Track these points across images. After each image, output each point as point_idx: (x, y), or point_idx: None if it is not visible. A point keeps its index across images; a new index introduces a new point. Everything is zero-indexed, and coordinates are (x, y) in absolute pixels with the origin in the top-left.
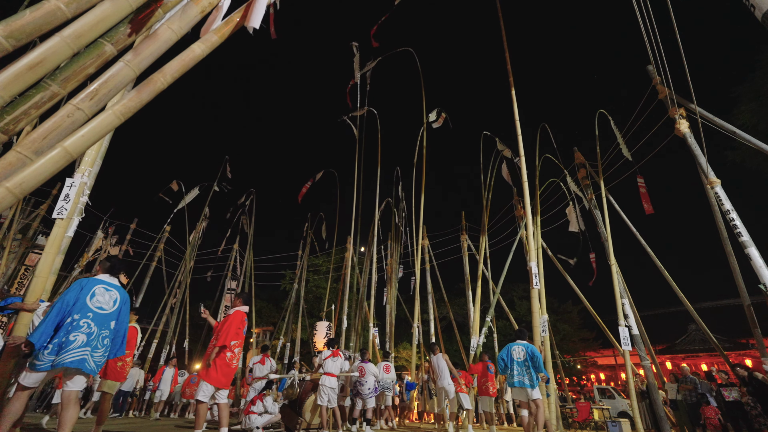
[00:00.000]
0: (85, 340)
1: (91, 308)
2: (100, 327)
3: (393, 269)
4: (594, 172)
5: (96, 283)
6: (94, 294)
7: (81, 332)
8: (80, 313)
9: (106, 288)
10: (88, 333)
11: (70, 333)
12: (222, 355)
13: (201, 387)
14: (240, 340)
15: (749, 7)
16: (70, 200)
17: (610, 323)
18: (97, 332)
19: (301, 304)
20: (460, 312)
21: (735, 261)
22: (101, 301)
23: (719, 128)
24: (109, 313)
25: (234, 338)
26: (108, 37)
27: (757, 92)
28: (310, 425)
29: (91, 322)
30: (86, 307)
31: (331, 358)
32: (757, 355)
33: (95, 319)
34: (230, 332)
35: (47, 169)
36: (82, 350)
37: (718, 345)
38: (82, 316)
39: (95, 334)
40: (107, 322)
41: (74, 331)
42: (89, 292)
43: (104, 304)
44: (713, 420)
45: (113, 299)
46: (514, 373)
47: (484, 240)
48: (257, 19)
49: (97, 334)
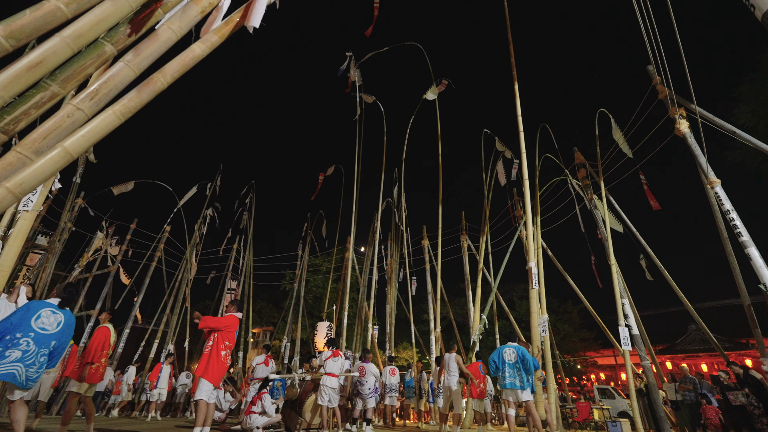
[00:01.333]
0: (20, 356)
1: (34, 329)
2: (39, 346)
3: (393, 269)
4: (594, 172)
5: (43, 306)
6: (40, 316)
7: (18, 349)
8: (22, 332)
9: (53, 311)
10: (24, 351)
11: (7, 348)
12: (217, 353)
13: (201, 385)
14: (231, 343)
15: (749, 7)
16: (36, 192)
17: (610, 323)
18: (36, 350)
19: (301, 304)
20: (460, 312)
21: (735, 261)
22: (45, 323)
23: (719, 128)
24: (51, 334)
25: (227, 338)
26: (108, 37)
27: (757, 92)
28: (310, 425)
29: (30, 340)
30: (29, 327)
31: (332, 359)
32: (757, 355)
33: (36, 338)
34: (231, 333)
35: (47, 169)
36: (14, 365)
37: (718, 345)
38: (24, 335)
39: (33, 351)
40: (48, 341)
41: (13, 348)
42: (35, 314)
43: (48, 326)
44: (713, 420)
45: (58, 322)
46: (506, 374)
47: (484, 240)
48: (257, 18)
49: (35, 351)
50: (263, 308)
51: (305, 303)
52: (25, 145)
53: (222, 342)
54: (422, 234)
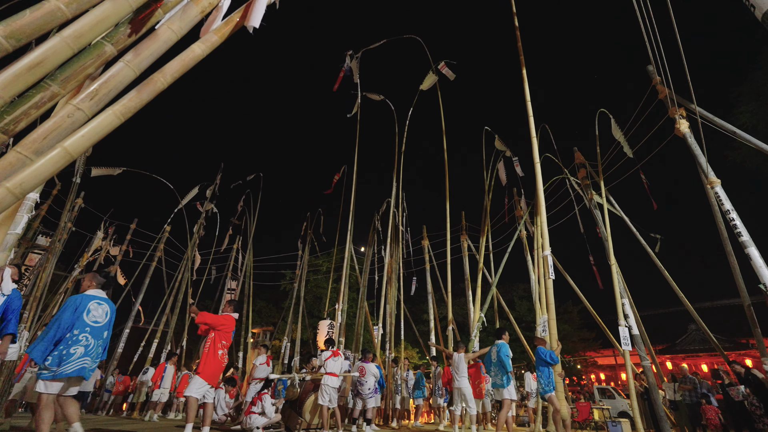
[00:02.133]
0: (83, 352)
1: (89, 323)
2: (96, 339)
3: (393, 269)
4: (594, 172)
5: (90, 300)
6: (90, 310)
7: (80, 345)
8: (79, 329)
9: (98, 303)
10: (86, 345)
11: (71, 346)
12: (214, 352)
13: (193, 382)
14: (228, 342)
15: (749, 7)
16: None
17: (610, 323)
18: (95, 343)
19: (301, 304)
20: (460, 312)
21: (735, 261)
22: (96, 315)
23: (719, 128)
24: (103, 325)
25: (224, 338)
26: (108, 37)
27: (757, 92)
28: (310, 425)
29: (88, 335)
30: (84, 323)
31: (332, 359)
32: (757, 354)
33: (92, 332)
34: (227, 333)
35: (47, 169)
36: (81, 360)
37: (718, 345)
38: (81, 332)
39: (93, 345)
40: (101, 333)
41: (75, 345)
42: (85, 308)
43: (99, 318)
44: (713, 420)
45: (105, 312)
46: (491, 373)
47: (483, 240)
48: (257, 18)
49: (95, 344)
50: (263, 308)
51: (305, 303)
52: (25, 145)
53: (219, 341)
54: (422, 234)
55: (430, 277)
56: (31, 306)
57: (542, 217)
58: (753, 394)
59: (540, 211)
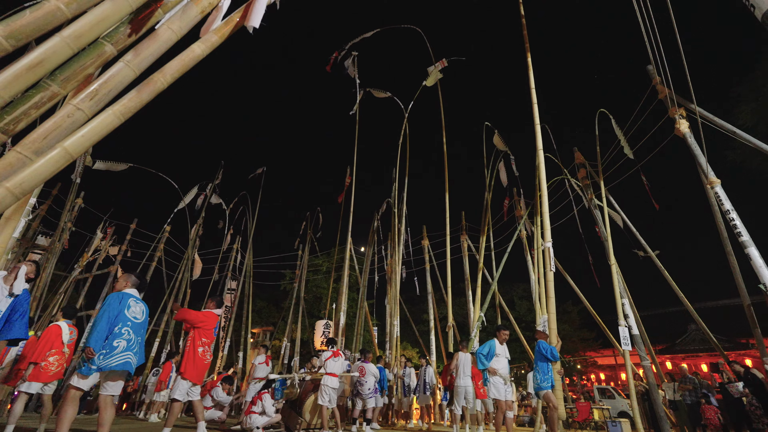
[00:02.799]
0: (126, 345)
1: (129, 318)
2: (136, 334)
3: (393, 269)
4: (594, 172)
5: (129, 297)
6: (129, 306)
7: (123, 339)
8: (122, 323)
9: (136, 301)
10: (128, 339)
11: (113, 340)
12: (194, 350)
13: (179, 385)
14: (210, 340)
15: (749, 7)
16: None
17: (610, 323)
18: (135, 339)
19: (301, 304)
20: (460, 312)
21: (735, 261)
22: (135, 312)
23: (719, 128)
24: (141, 323)
25: (204, 335)
26: (108, 37)
27: (757, 92)
28: (310, 425)
29: (130, 330)
30: (126, 318)
31: (332, 359)
32: (757, 355)
33: (133, 327)
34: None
35: (47, 169)
36: (124, 354)
37: (718, 345)
38: (123, 325)
39: (133, 340)
40: (140, 330)
41: (117, 338)
42: (126, 304)
43: (137, 314)
44: (713, 420)
45: (142, 310)
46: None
47: (483, 240)
48: (257, 19)
49: (135, 340)
50: (263, 308)
51: (305, 303)
52: (25, 145)
53: (199, 339)
54: (422, 234)
55: (430, 277)
56: (31, 306)
57: (544, 207)
58: (752, 394)
59: (542, 201)
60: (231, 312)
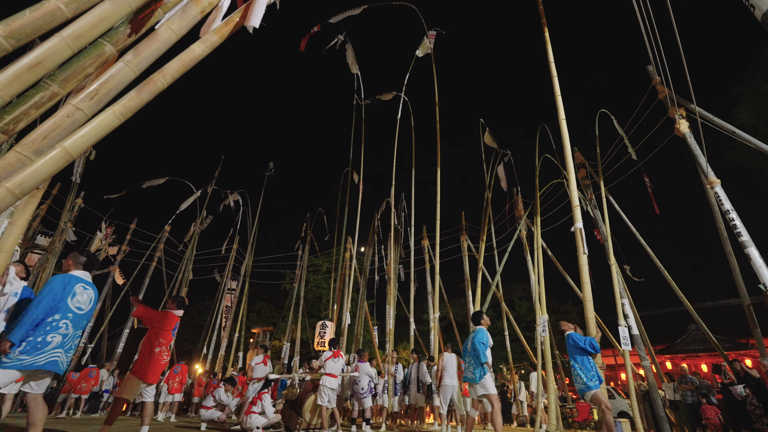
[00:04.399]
0: (60, 341)
1: (72, 308)
2: (76, 328)
3: (393, 269)
4: (594, 172)
5: (78, 282)
6: (75, 294)
7: (58, 333)
8: (61, 314)
9: (84, 287)
10: (64, 334)
11: (48, 333)
12: (151, 349)
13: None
14: (167, 340)
15: (749, 8)
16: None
17: (610, 323)
18: (72, 333)
19: (301, 304)
20: (460, 312)
21: (735, 261)
22: (80, 301)
23: (719, 128)
24: (85, 313)
25: (162, 336)
26: (108, 37)
27: (757, 92)
28: (310, 425)
29: (69, 322)
30: (67, 308)
31: (332, 359)
32: (757, 355)
33: (73, 319)
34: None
35: (47, 169)
36: (56, 351)
37: (718, 345)
38: (63, 317)
39: (70, 335)
40: (82, 322)
41: (53, 331)
42: (71, 291)
43: (82, 304)
44: (713, 420)
45: (89, 299)
46: (465, 365)
47: (484, 238)
48: (257, 19)
49: (72, 335)
50: (263, 308)
51: (305, 303)
52: (25, 145)
53: (157, 339)
54: (422, 234)
55: (430, 277)
56: None
57: (572, 180)
58: (753, 394)
59: (569, 179)
60: (230, 312)
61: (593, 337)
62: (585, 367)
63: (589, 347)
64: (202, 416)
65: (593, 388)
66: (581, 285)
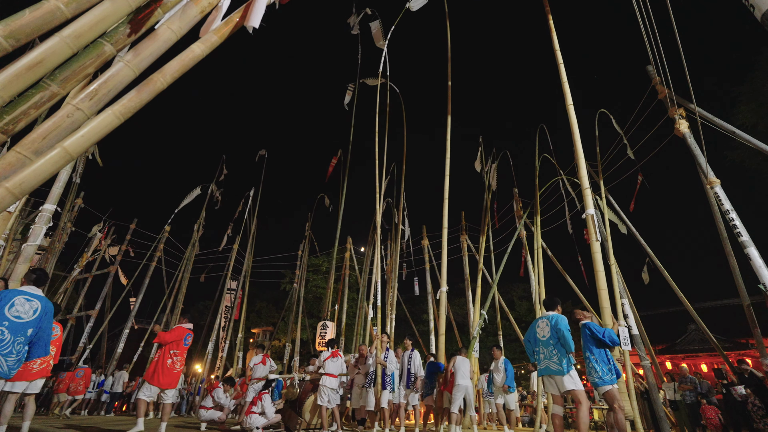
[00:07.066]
0: None
1: (8, 317)
2: (14, 334)
3: (393, 269)
4: (594, 172)
5: (16, 294)
6: (14, 304)
7: None
8: None
9: (27, 298)
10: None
11: None
12: (163, 361)
13: (143, 387)
14: (180, 351)
15: (749, 8)
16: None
17: None
18: (11, 339)
19: (301, 305)
20: (460, 312)
21: (735, 261)
22: (20, 311)
23: (719, 128)
24: (27, 322)
25: (174, 348)
26: (108, 37)
27: (756, 92)
28: (310, 425)
29: (5, 329)
30: (2, 317)
31: (331, 359)
32: (757, 355)
33: (10, 327)
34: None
35: (47, 169)
36: None
37: (718, 345)
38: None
39: (8, 340)
40: (24, 329)
41: None
42: (8, 302)
43: (23, 314)
44: (713, 420)
45: (33, 309)
46: (541, 357)
47: (483, 240)
48: (257, 19)
49: (11, 340)
50: (263, 308)
51: (305, 303)
52: (25, 145)
53: (168, 350)
54: (422, 234)
55: (430, 277)
56: None
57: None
58: (754, 393)
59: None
60: (230, 312)
61: (611, 329)
62: (602, 360)
63: (608, 340)
64: (202, 416)
65: (609, 383)
66: (595, 273)
